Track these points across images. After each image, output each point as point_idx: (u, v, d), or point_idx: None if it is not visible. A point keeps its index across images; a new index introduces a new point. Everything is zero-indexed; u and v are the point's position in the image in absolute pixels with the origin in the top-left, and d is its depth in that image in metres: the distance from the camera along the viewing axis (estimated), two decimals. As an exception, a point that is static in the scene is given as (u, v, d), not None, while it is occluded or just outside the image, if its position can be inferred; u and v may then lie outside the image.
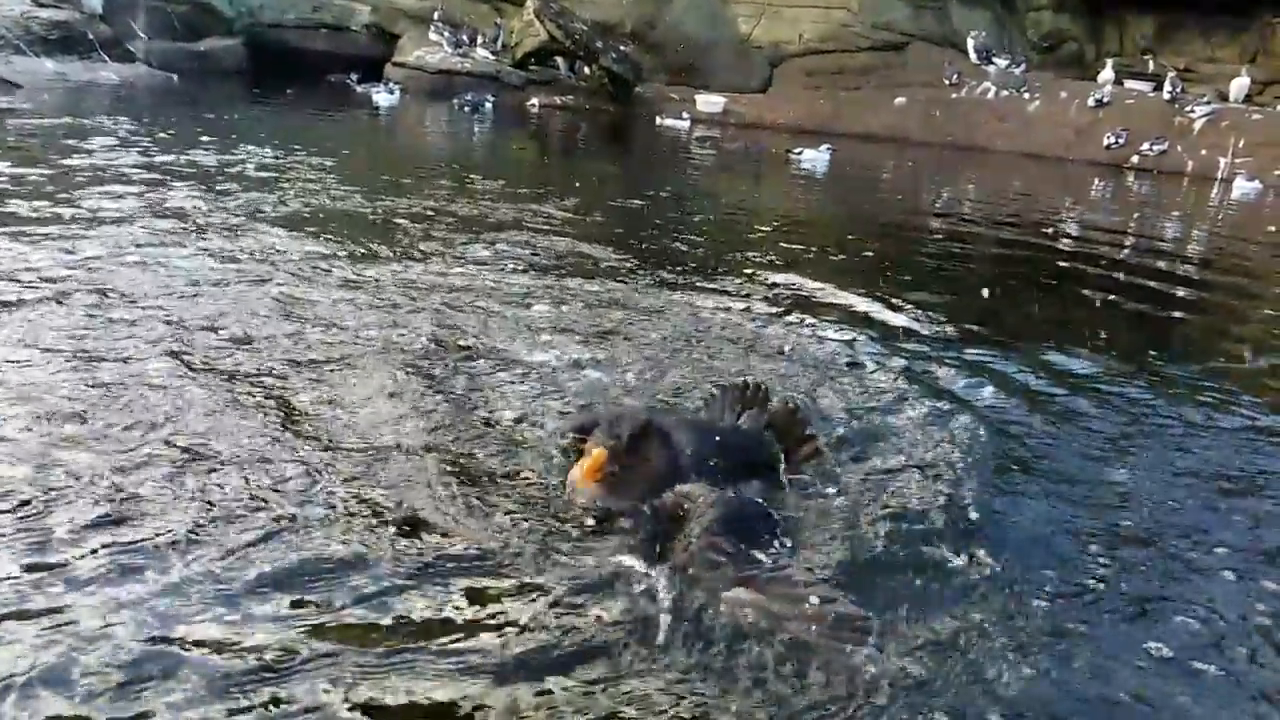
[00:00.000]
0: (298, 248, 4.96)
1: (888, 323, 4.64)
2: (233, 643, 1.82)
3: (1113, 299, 5.90)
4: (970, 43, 19.35)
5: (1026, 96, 18.36)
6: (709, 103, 18.75)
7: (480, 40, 19.09)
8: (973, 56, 19.24)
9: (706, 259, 5.89)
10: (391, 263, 4.86)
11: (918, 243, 7.89)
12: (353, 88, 17.61)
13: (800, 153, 13.14)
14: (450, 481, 2.50)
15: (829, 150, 13.31)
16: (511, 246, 5.55)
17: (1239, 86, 17.80)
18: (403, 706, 1.71)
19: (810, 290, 5.20)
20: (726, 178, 12.19)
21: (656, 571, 2.10)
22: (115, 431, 2.62)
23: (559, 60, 19.41)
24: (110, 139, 8.28)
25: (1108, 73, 18.52)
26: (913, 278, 6.09)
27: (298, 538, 2.18)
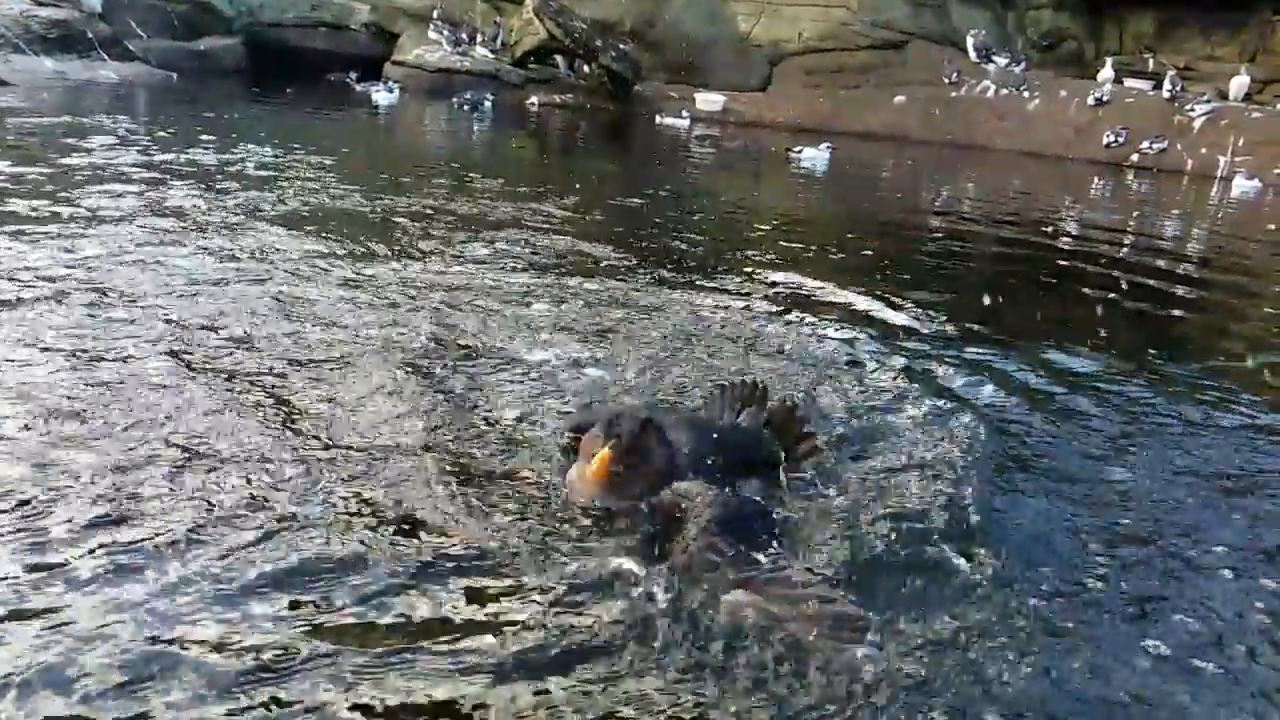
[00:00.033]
0: (297, 246, 4.96)
1: (887, 321, 4.64)
2: (232, 642, 1.82)
3: (1112, 298, 5.90)
4: (970, 41, 19.35)
5: (1026, 95, 18.36)
6: (708, 101, 18.75)
7: (479, 39, 19.09)
8: (972, 55, 19.24)
9: (706, 257, 5.89)
10: (391, 261, 4.86)
11: (917, 241, 7.89)
12: (352, 86, 17.62)
13: (800, 151, 13.13)
14: (449, 481, 2.50)
15: (828, 149, 13.30)
16: (511, 245, 5.55)
17: (1239, 85, 17.80)
18: (402, 706, 1.71)
19: (810, 289, 5.20)
20: (726, 176, 12.19)
21: (655, 571, 2.10)
22: (114, 431, 2.62)
23: (558, 59, 19.42)
24: (109, 138, 8.28)
25: (1107, 71, 18.52)
26: (912, 276, 6.08)
27: (297, 537, 2.18)
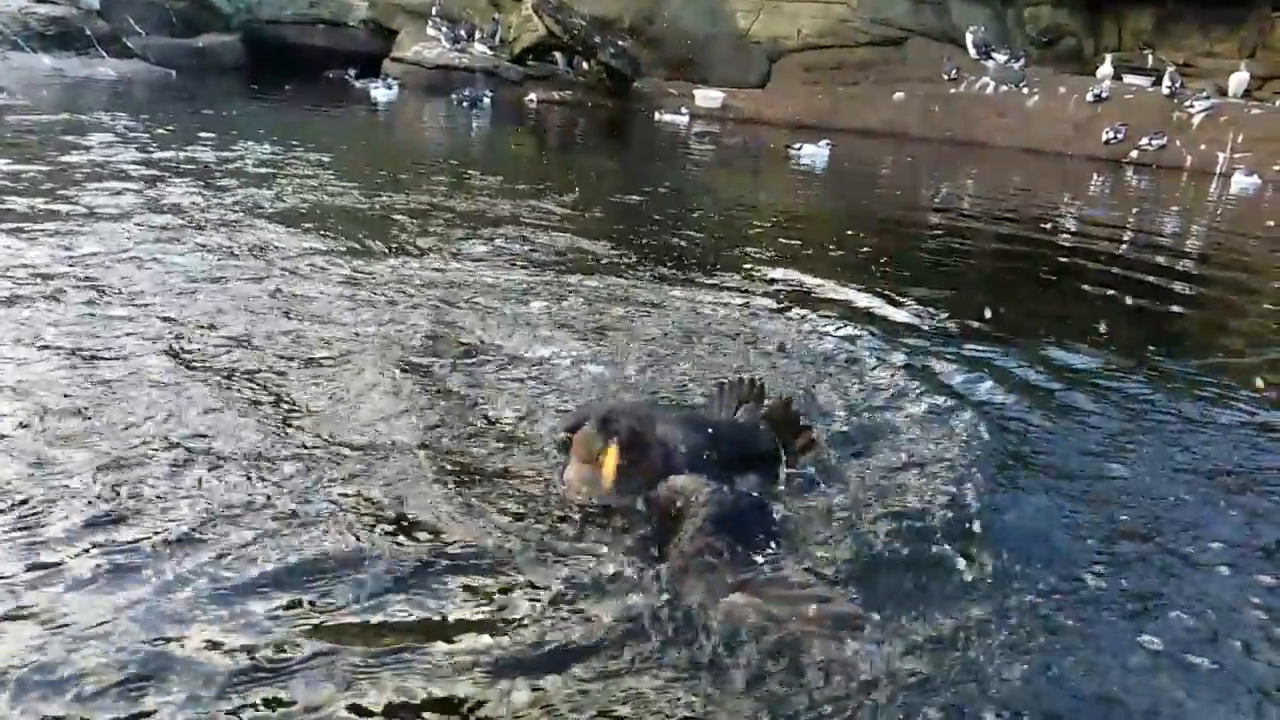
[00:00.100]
0: (295, 244, 4.95)
1: (887, 318, 4.63)
2: (230, 642, 1.81)
3: (1112, 294, 5.90)
4: (969, 38, 19.32)
5: (1025, 91, 18.34)
6: (707, 98, 18.73)
7: (478, 35, 19.07)
8: (971, 51, 19.21)
9: (705, 255, 5.88)
10: (389, 259, 4.85)
11: (917, 238, 7.88)
12: (351, 83, 17.60)
13: (800, 148, 13.11)
14: (448, 480, 2.49)
15: (828, 145, 13.28)
16: (510, 242, 5.55)
17: (1238, 81, 17.78)
18: (400, 705, 1.71)
19: (810, 286, 5.19)
20: (725, 173, 12.18)
21: (653, 570, 2.10)
22: (112, 429, 2.62)
23: (557, 55, 19.39)
24: (108, 135, 8.26)
25: (1106, 67, 18.50)
26: (912, 273, 6.08)
27: (296, 536, 2.18)
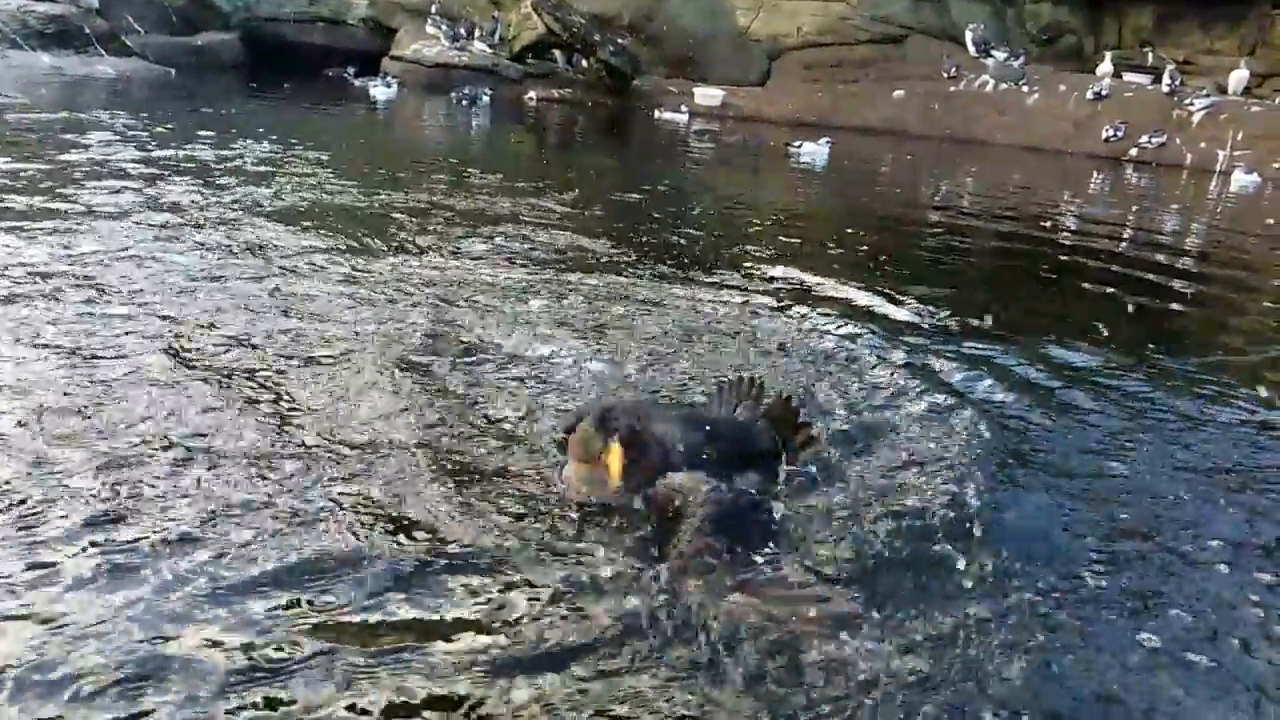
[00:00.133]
0: (295, 242, 4.95)
1: (887, 316, 4.63)
2: (229, 641, 1.81)
3: (1112, 292, 5.89)
4: (969, 35, 19.31)
5: (1025, 89, 18.33)
6: (707, 96, 18.72)
7: (478, 33, 19.05)
8: (971, 49, 19.20)
9: (705, 253, 5.88)
10: (389, 257, 4.85)
11: (917, 236, 7.88)
12: (350, 82, 17.58)
13: (800, 146, 13.11)
14: (447, 478, 2.49)
15: (828, 143, 13.27)
16: (509, 240, 5.54)
17: (1238, 79, 17.78)
18: (399, 704, 1.71)
19: (810, 284, 5.19)
20: (725, 171, 12.17)
21: (652, 570, 2.10)
22: (111, 428, 2.61)
23: (556, 53, 19.38)
24: (107, 134, 8.26)
25: (1106, 65, 18.49)
26: (912, 271, 6.08)
27: (295, 535, 2.18)
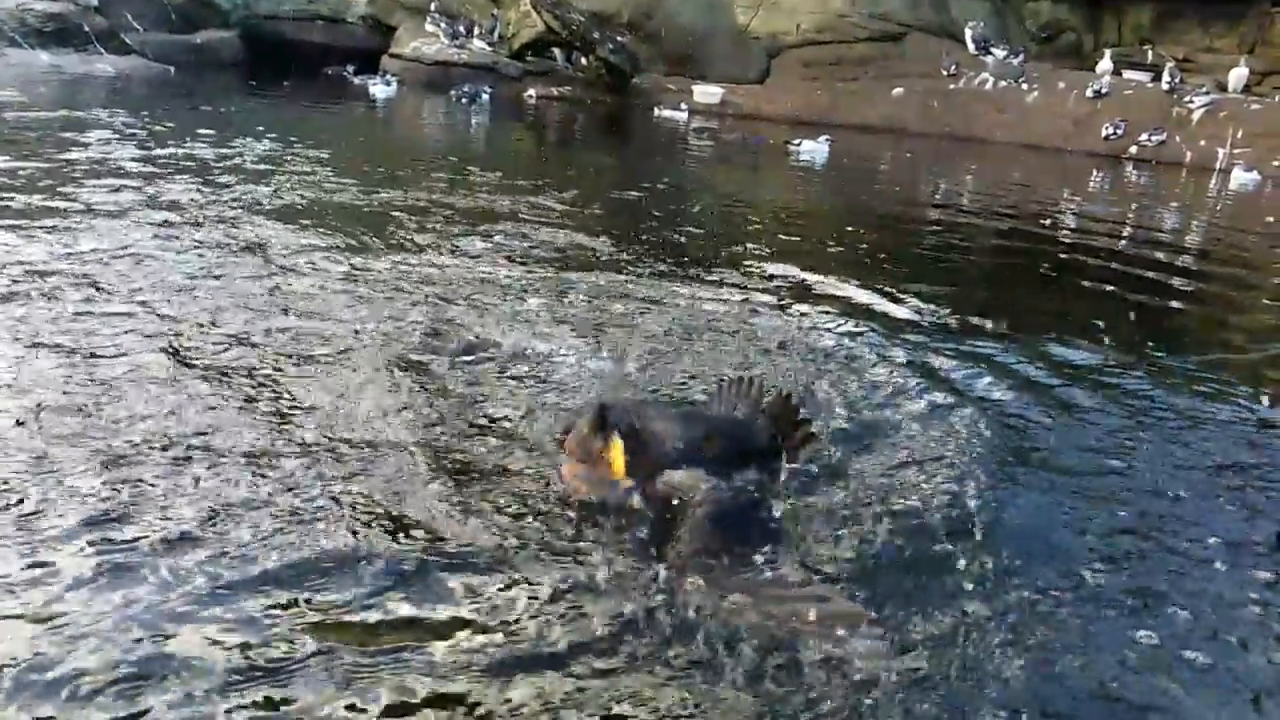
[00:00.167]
0: (294, 241, 4.94)
1: (887, 314, 4.63)
2: (228, 640, 1.81)
3: (1111, 290, 5.89)
4: (968, 33, 19.26)
5: (1025, 87, 18.30)
6: (706, 94, 18.69)
7: (477, 31, 19.01)
8: (971, 47, 19.16)
9: (705, 251, 5.88)
10: (388, 255, 4.85)
11: (917, 234, 7.88)
12: (349, 80, 17.55)
13: (799, 144, 13.09)
14: (447, 478, 2.49)
15: (827, 141, 13.26)
16: (509, 238, 5.54)
17: (1237, 77, 17.75)
18: (399, 704, 1.71)
19: (809, 281, 5.19)
20: (725, 169, 12.16)
21: (651, 569, 2.10)
22: (110, 426, 2.61)
23: (556, 51, 19.34)
24: (106, 132, 8.25)
25: (1106, 63, 18.46)
26: (912, 269, 6.07)
27: (294, 534, 2.17)
